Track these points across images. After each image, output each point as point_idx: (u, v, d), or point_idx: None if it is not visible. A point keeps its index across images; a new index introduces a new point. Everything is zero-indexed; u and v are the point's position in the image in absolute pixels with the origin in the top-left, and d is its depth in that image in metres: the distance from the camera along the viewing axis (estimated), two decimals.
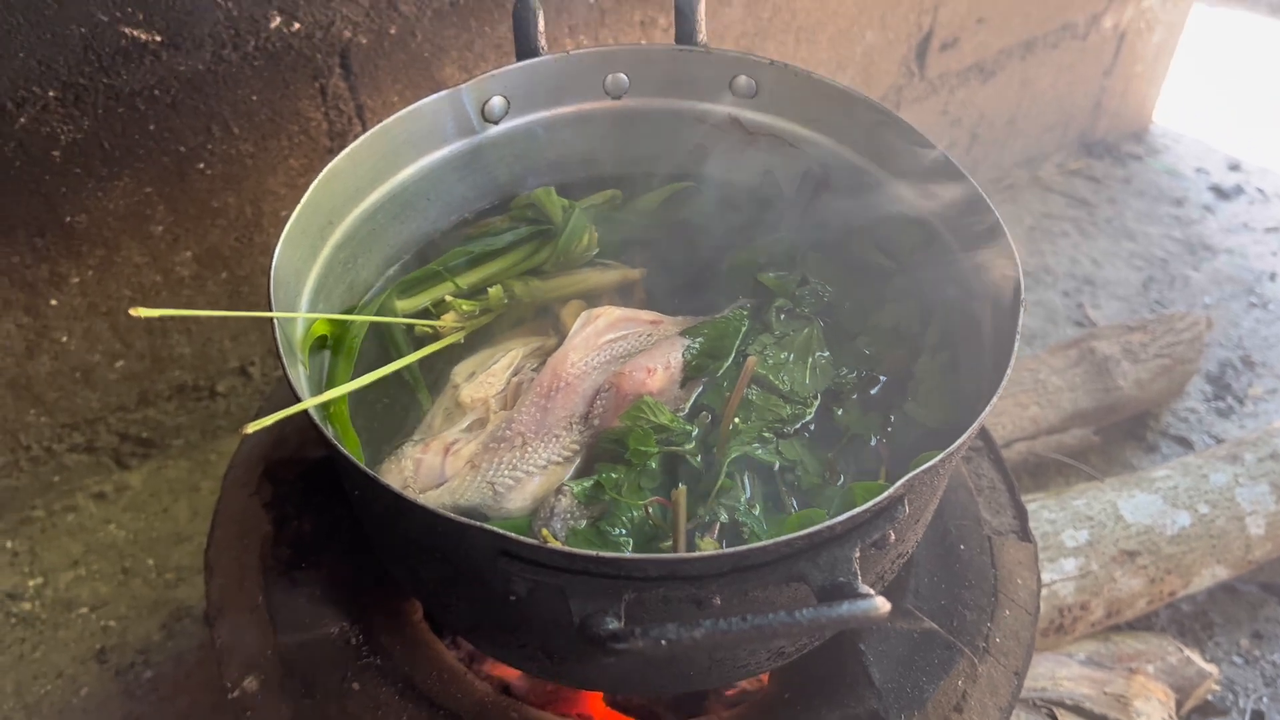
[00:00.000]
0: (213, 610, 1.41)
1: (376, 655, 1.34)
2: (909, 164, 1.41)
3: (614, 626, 0.87)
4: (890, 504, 0.97)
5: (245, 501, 1.51)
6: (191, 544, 2.17)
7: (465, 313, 1.42)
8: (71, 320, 1.96)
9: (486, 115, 1.49)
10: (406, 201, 1.47)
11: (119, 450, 2.22)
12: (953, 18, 2.76)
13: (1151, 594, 2.03)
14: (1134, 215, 3.33)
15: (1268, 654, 2.18)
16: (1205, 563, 2.06)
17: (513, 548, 0.93)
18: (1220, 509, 2.08)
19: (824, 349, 1.38)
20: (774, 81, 1.50)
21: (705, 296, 1.48)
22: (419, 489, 1.21)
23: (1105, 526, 2.01)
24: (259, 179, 1.97)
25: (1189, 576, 2.06)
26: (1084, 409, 2.40)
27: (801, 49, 2.52)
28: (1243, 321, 2.99)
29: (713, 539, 1.15)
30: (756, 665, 1.22)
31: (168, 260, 1.98)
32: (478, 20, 1.99)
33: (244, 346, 2.22)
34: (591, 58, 1.52)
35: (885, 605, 0.86)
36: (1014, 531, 1.56)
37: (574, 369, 1.29)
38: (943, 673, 1.34)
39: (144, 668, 1.99)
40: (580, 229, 1.51)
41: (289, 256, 1.23)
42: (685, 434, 1.25)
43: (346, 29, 1.86)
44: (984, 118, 3.16)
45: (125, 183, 1.84)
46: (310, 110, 1.94)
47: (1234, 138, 3.70)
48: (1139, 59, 3.38)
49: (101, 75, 1.69)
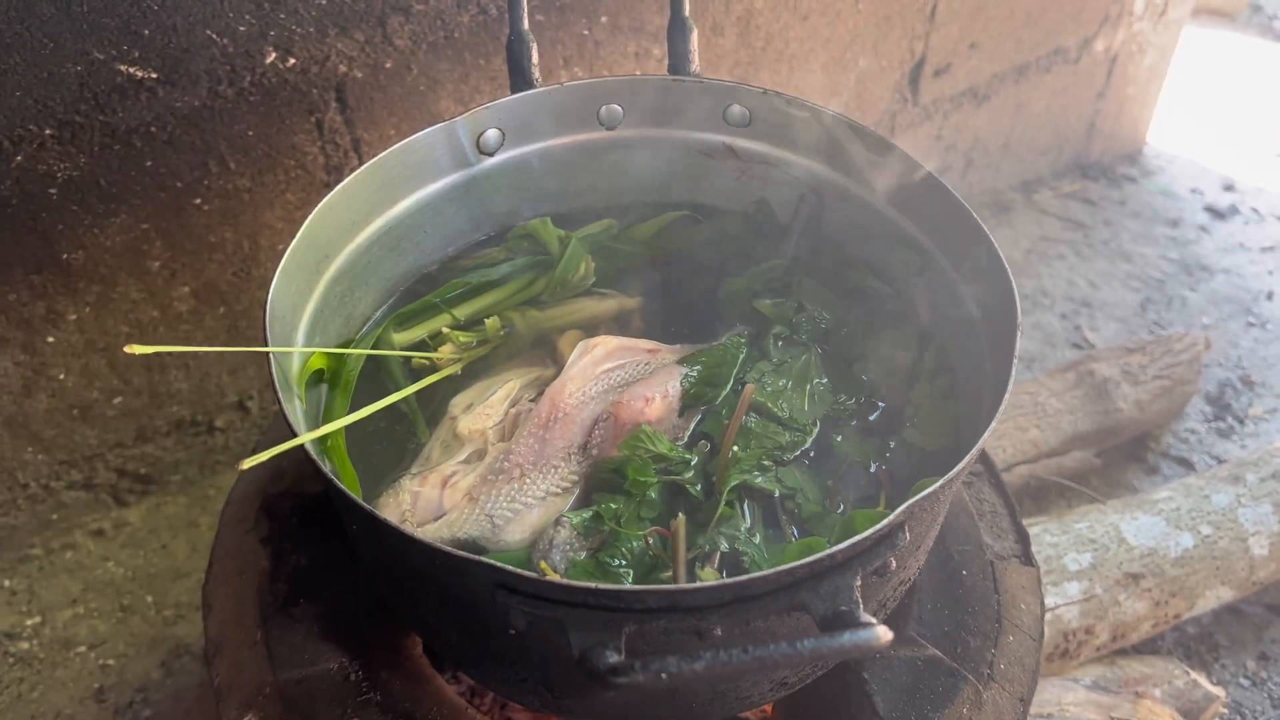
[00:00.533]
0: (211, 647, 1.40)
1: (376, 691, 1.32)
2: (903, 190, 1.41)
3: (614, 660, 0.86)
4: (891, 531, 0.97)
5: (242, 537, 1.50)
6: (190, 580, 2.16)
7: (462, 344, 1.42)
8: (69, 357, 1.95)
9: (481, 147, 1.50)
10: (403, 234, 1.47)
11: (117, 487, 2.21)
12: (945, 43, 2.78)
13: (1156, 617, 2.02)
14: (1130, 237, 3.34)
15: (1275, 676, 2.17)
16: (1209, 584, 2.05)
17: (510, 581, 0.93)
18: (1223, 530, 2.07)
19: (822, 376, 1.38)
20: (767, 110, 1.51)
21: (702, 324, 1.48)
22: (417, 522, 1.20)
23: (1108, 549, 2.00)
24: (255, 213, 1.97)
25: (1193, 599, 2.04)
26: (1084, 431, 2.40)
27: (795, 77, 2.54)
28: (1241, 341, 2.99)
29: (713, 569, 1.14)
30: (760, 696, 1.20)
31: (165, 296, 1.98)
32: (472, 53, 2.00)
33: (242, 381, 2.22)
34: (585, 89, 1.52)
35: (887, 634, 0.85)
36: (1016, 556, 1.55)
37: (572, 399, 1.29)
38: (947, 701, 1.32)
39: (143, 706, 1.97)
40: (577, 259, 1.51)
41: (285, 291, 1.23)
42: (684, 463, 1.25)
43: (342, 64, 1.87)
44: (978, 142, 3.18)
45: (122, 219, 1.84)
46: (306, 145, 1.95)
47: (1228, 158, 3.72)
48: (1131, 81, 3.40)
49: (98, 113, 1.70)
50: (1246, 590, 2.11)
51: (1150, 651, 2.15)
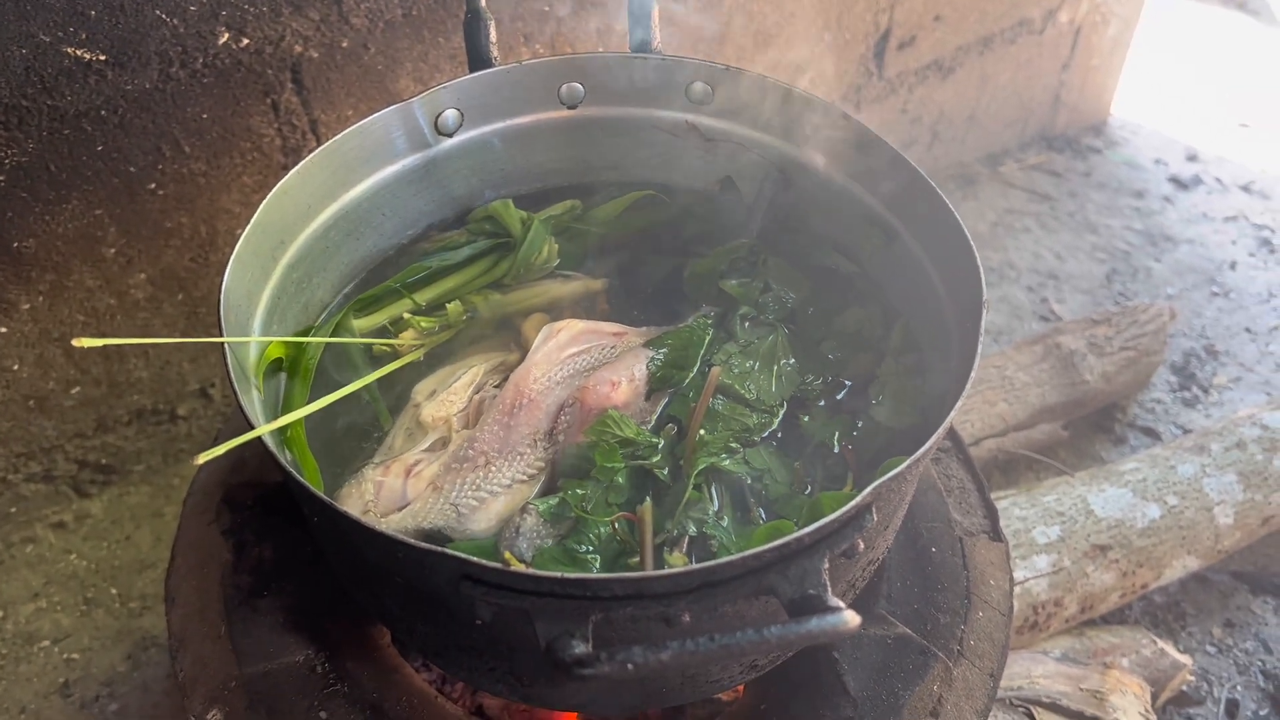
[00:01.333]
0: (175, 642, 1.38)
1: (343, 682, 1.31)
2: (867, 165, 1.40)
3: (580, 650, 0.85)
4: (858, 513, 0.96)
5: (204, 529, 1.48)
6: (156, 571, 2.13)
7: (424, 330, 1.40)
8: (23, 348, 1.91)
9: (440, 128, 1.47)
10: (360, 218, 1.44)
11: (78, 478, 2.18)
12: (910, 16, 2.77)
13: (1124, 587, 2.04)
14: (1095, 208, 3.35)
15: (1240, 642, 2.19)
16: (1176, 554, 2.07)
17: (475, 572, 0.91)
18: (1189, 500, 2.09)
19: (789, 356, 1.37)
20: (730, 87, 1.49)
21: (668, 305, 1.46)
22: (380, 513, 1.18)
23: (1076, 522, 2.01)
24: (212, 198, 1.93)
25: (1160, 569, 2.06)
26: (1051, 404, 2.41)
27: (759, 53, 2.52)
28: (1205, 311, 3.01)
29: (681, 553, 1.13)
30: (730, 679, 1.20)
31: (121, 283, 1.94)
32: (431, 31, 1.96)
33: (204, 368, 2.18)
34: (545, 67, 1.50)
35: (855, 619, 0.84)
36: (985, 532, 1.55)
37: (537, 385, 1.27)
38: (918, 678, 1.33)
39: (109, 700, 1.95)
40: (540, 241, 1.49)
41: (240, 278, 1.21)
42: (651, 447, 1.24)
43: (297, 43, 1.83)
44: (944, 115, 3.17)
45: (74, 205, 1.80)
46: (263, 127, 1.91)
47: (1191, 128, 3.74)
48: (1095, 52, 3.40)
49: (45, 97, 1.65)
50: (1212, 559, 2.13)
51: (1118, 621, 2.17)
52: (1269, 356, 2.86)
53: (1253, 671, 2.14)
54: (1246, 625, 2.23)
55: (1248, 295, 3.07)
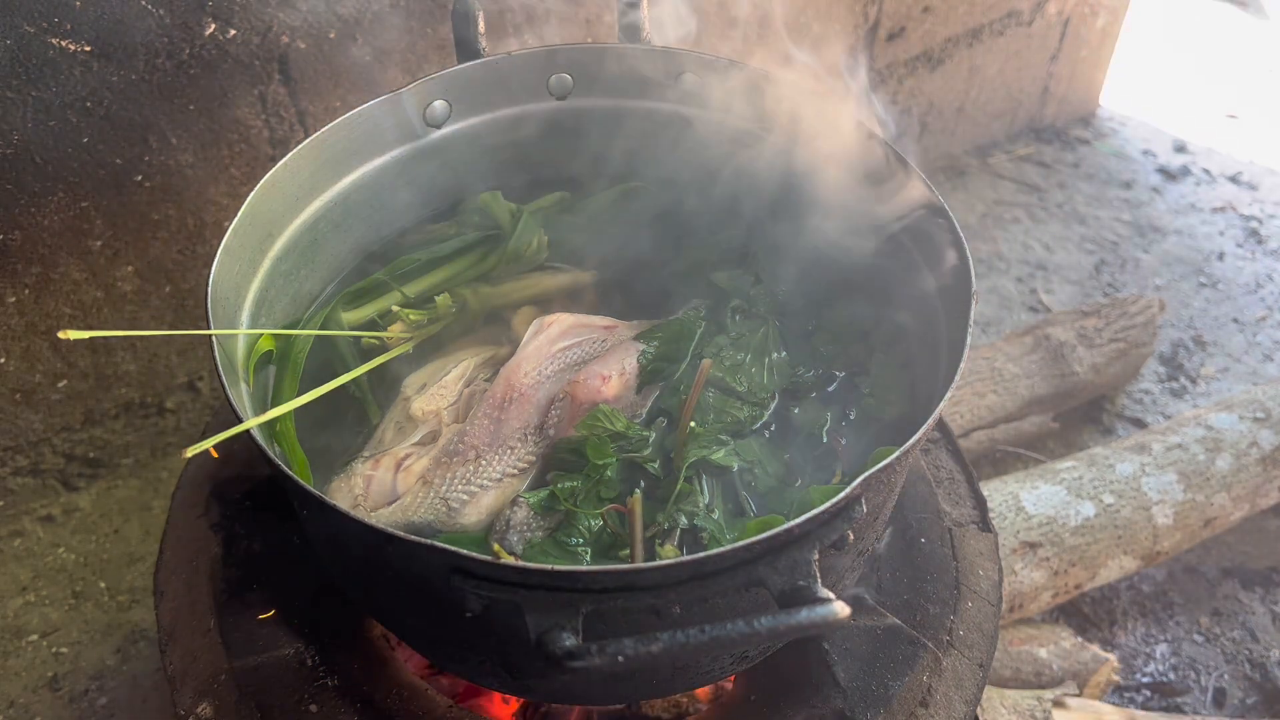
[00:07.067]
0: (164, 635, 1.37)
1: (333, 675, 1.31)
2: (857, 157, 1.40)
3: (570, 643, 0.85)
4: (848, 504, 0.96)
5: (193, 523, 1.48)
6: (144, 564, 2.13)
7: (413, 322, 1.39)
8: (9, 341, 1.90)
9: (429, 119, 1.46)
10: (349, 210, 1.44)
11: (66, 472, 2.17)
12: (899, 7, 2.77)
13: (1056, 586, 1.99)
14: (1084, 199, 3.36)
15: (1227, 632, 2.21)
16: (1111, 554, 2.01)
17: (465, 565, 0.91)
18: (1126, 499, 2.04)
19: (780, 348, 1.37)
20: (720, 77, 1.48)
21: (659, 298, 1.46)
22: (370, 507, 1.18)
23: (1005, 518, 1.97)
24: (200, 190, 1.92)
25: (1094, 568, 2.01)
26: (1041, 395, 2.41)
27: (749, 45, 2.51)
28: (1193, 302, 3.02)
29: (672, 545, 1.14)
30: (721, 670, 1.20)
31: (108, 276, 1.93)
32: (419, 21, 1.95)
33: (192, 361, 2.17)
34: (533, 58, 1.49)
35: (844, 610, 0.85)
36: (974, 522, 1.56)
37: (527, 379, 1.27)
38: (907, 668, 1.33)
39: (98, 694, 1.94)
40: (529, 233, 1.48)
41: (228, 270, 1.20)
42: (642, 440, 1.24)
43: (284, 34, 1.82)
44: (933, 106, 3.17)
45: (60, 197, 1.79)
46: (250, 118, 1.90)
47: (1179, 119, 3.74)
48: (1084, 44, 3.40)
49: (30, 88, 1.64)
50: (1151, 560, 2.08)
51: (1105, 609, 2.19)
52: (1256, 347, 2.88)
53: (1240, 660, 2.16)
54: (1233, 615, 2.24)
55: (1236, 286, 3.08)
